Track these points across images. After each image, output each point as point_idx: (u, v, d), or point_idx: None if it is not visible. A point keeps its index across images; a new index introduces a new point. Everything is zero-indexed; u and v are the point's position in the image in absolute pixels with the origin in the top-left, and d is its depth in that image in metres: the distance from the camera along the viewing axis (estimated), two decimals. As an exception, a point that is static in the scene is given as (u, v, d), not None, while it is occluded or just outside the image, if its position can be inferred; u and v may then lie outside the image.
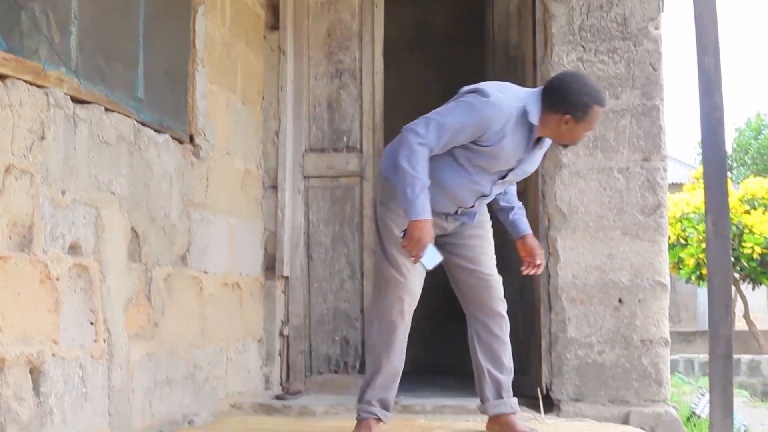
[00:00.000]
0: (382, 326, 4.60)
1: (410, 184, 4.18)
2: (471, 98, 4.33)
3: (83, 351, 4.00)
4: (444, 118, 4.29)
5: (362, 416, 4.63)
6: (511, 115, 4.31)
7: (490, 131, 4.29)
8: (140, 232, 4.56)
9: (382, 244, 4.60)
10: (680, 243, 15.07)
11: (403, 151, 4.23)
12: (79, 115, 4.00)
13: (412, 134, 4.25)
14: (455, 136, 4.30)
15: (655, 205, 5.82)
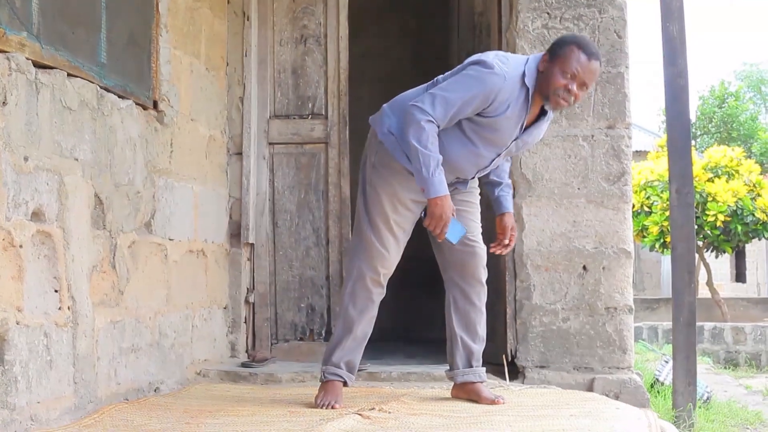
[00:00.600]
0: (356, 290, 4.62)
1: (425, 163, 4.21)
2: (474, 71, 4.32)
3: (47, 319, 3.97)
4: (449, 93, 4.29)
5: (328, 377, 4.63)
6: (515, 83, 4.33)
7: (496, 101, 4.30)
8: (104, 198, 4.53)
9: (368, 210, 4.58)
10: (644, 211, 15.11)
11: (411, 130, 4.24)
12: (42, 80, 3.96)
13: (419, 111, 4.25)
14: (462, 109, 4.30)
15: (620, 172, 5.84)
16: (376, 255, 4.56)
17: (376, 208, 4.53)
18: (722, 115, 32.54)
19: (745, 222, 14.58)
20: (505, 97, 4.31)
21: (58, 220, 4.08)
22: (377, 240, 4.54)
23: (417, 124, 4.22)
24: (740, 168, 15.07)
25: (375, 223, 4.54)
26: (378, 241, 4.54)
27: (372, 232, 4.55)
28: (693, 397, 5.85)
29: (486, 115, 4.35)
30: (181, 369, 5.49)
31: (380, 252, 4.55)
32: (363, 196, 4.61)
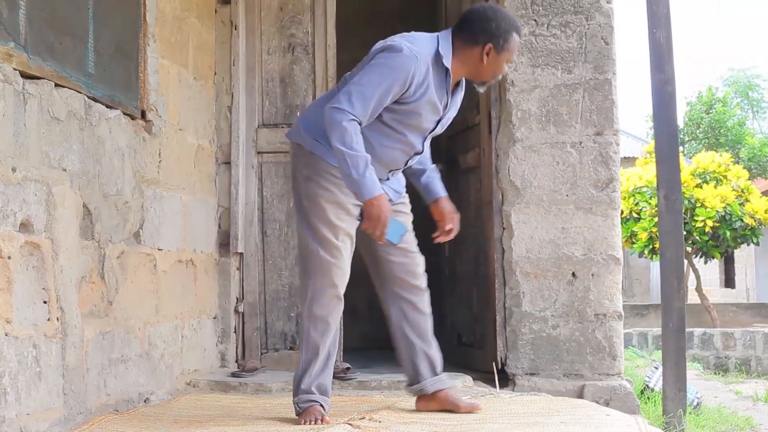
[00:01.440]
0: (315, 311, 4.41)
1: (353, 165, 4.07)
2: (383, 58, 4.22)
3: (36, 330, 3.96)
4: (364, 87, 4.16)
5: (303, 407, 4.41)
6: (428, 63, 4.25)
7: (413, 85, 4.21)
8: (92, 209, 4.52)
9: (311, 225, 4.36)
10: (633, 217, 15.14)
11: (334, 133, 4.10)
12: (29, 90, 3.95)
13: (337, 112, 4.11)
14: (381, 101, 4.19)
15: (608, 179, 5.85)
16: (329, 269, 4.36)
17: (320, 219, 4.34)
18: (710, 120, 32.59)
19: (734, 227, 14.61)
20: (421, 79, 4.22)
21: (46, 231, 4.07)
22: (327, 253, 4.35)
23: (338, 125, 4.08)
24: (728, 173, 15.11)
25: (322, 236, 4.34)
26: (329, 254, 4.35)
27: (320, 246, 4.34)
28: (683, 403, 5.86)
29: (405, 101, 4.25)
30: (171, 379, 5.48)
31: (332, 264, 4.36)
32: (302, 212, 4.41)
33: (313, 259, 4.37)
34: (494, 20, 4.33)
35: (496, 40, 4.31)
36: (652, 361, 10.56)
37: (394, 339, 4.71)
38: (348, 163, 4.07)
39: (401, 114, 4.29)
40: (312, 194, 4.34)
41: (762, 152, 31.03)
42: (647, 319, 17.55)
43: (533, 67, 5.91)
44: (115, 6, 4.94)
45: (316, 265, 4.37)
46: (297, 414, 4.42)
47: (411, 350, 4.67)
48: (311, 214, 4.36)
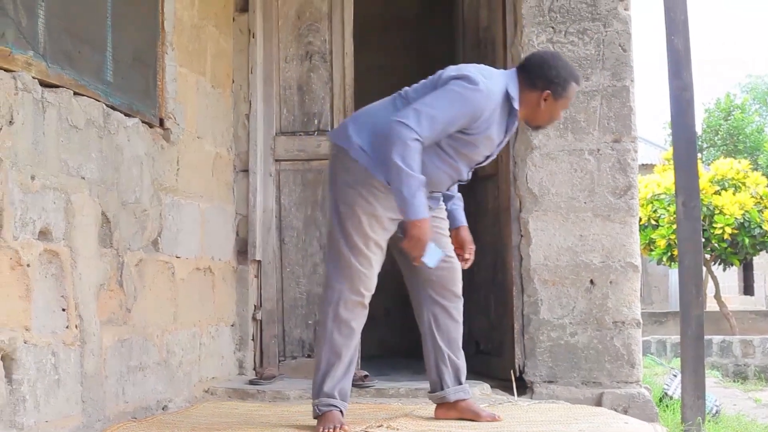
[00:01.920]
0: (340, 315, 4.40)
1: (407, 184, 4.07)
2: (459, 87, 4.21)
3: (55, 338, 3.97)
4: (435, 110, 4.15)
5: (323, 410, 4.40)
6: (498, 101, 4.29)
7: (480, 119, 4.24)
8: (111, 217, 4.53)
9: (345, 231, 4.36)
10: (651, 224, 15.11)
11: (396, 147, 4.07)
12: (48, 99, 3.97)
13: (404, 128, 4.08)
14: (447, 129, 4.21)
15: (626, 186, 5.83)
16: (357, 276, 4.36)
17: (355, 227, 4.33)
18: (728, 127, 32.46)
19: (753, 234, 14.57)
20: (488, 115, 4.26)
21: (65, 239, 4.08)
22: (357, 261, 4.35)
23: (402, 142, 4.07)
24: (747, 180, 15.07)
25: (354, 244, 4.34)
26: (358, 262, 4.35)
27: (351, 253, 4.34)
28: (702, 411, 5.83)
29: (468, 133, 4.28)
30: (188, 387, 5.49)
31: (361, 273, 4.36)
32: (337, 216, 4.39)
33: (343, 263, 4.37)
34: (555, 68, 4.38)
35: (555, 87, 4.37)
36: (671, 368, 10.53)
37: (423, 343, 4.72)
38: (402, 181, 4.08)
39: (459, 142, 4.32)
40: (350, 201, 4.34)
41: (781, 159, 30.91)
42: (666, 326, 17.49)
43: (551, 75, 5.90)
44: (134, 14, 4.95)
45: (346, 269, 4.37)
46: (315, 416, 4.42)
47: (438, 356, 4.68)
48: (347, 220, 4.35)
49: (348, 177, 4.35)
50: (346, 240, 4.36)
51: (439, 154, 4.33)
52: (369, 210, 4.32)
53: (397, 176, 4.08)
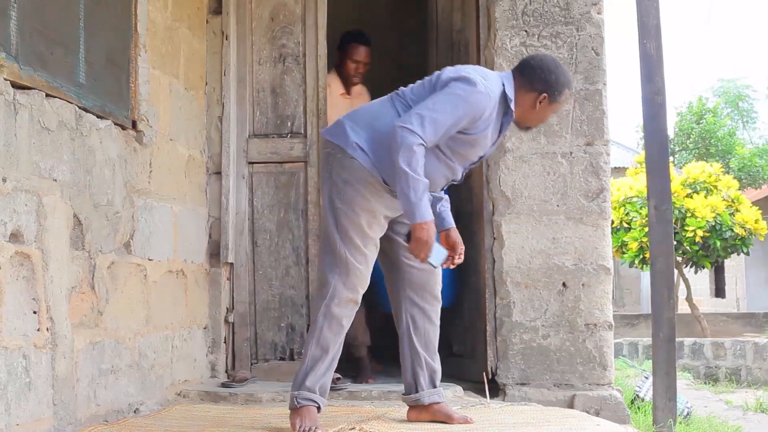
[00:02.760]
0: (333, 311, 4.44)
1: (414, 188, 4.15)
2: (460, 89, 4.28)
3: (26, 340, 3.96)
4: (438, 114, 4.22)
5: (302, 403, 4.42)
6: (497, 102, 4.37)
7: (480, 120, 4.31)
8: (83, 219, 4.51)
9: (342, 228, 4.41)
10: (623, 227, 15.17)
11: (402, 153, 4.14)
12: (20, 101, 3.95)
13: (410, 134, 4.16)
14: (449, 130, 4.28)
15: (599, 189, 5.86)
16: (353, 273, 4.42)
17: (353, 224, 4.40)
18: (700, 131, 32.59)
19: (724, 237, 14.64)
20: (487, 116, 4.34)
21: (36, 242, 4.06)
22: (353, 257, 4.41)
23: (408, 147, 4.14)
24: (719, 183, 15.15)
25: (351, 240, 4.40)
26: (354, 259, 4.41)
27: (348, 250, 4.40)
28: (673, 413, 5.86)
29: (467, 133, 4.34)
30: (161, 390, 5.47)
31: (357, 269, 4.42)
32: (333, 213, 4.44)
33: (339, 259, 4.42)
34: (554, 73, 4.47)
35: (552, 91, 4.45)
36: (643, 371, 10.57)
37: (400, 344, 4.75)
38: (409, 185, 4.15)
39: (457, 143, 4.39)
40: (348, 198, 4.40)
41: (752, 162, 31.08)
42: (638, 328, 17.57)
43: (524, 78, 5.91)
44: (106, 16, 4.93)
45: (341, 265, 4.41)
46: (292, 407, 4.44)
47: (414, 359, 4.72)
48: (344, 217, 4.41)
49: (345, 174, 4.40)
50: (343, 237, 4.41)
51: (437, 155, 4.40)
52: (367, 206, 4.39)
53: (405, 181, 4.15)
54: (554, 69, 4.47)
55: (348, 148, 4.39)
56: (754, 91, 39.25)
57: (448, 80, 4.36)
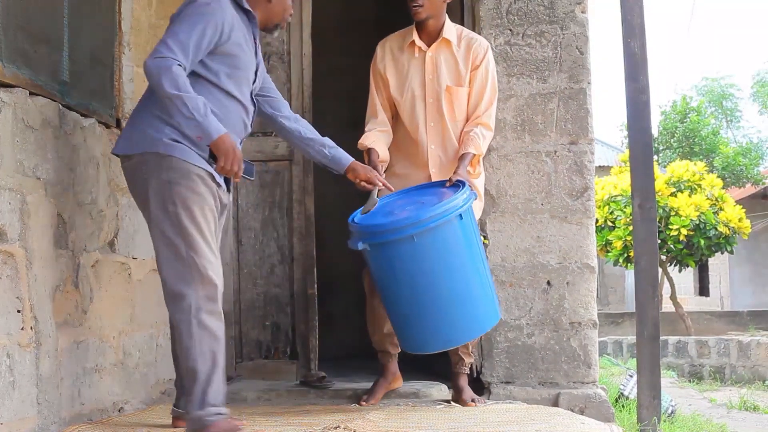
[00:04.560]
0: (204, 322, 4.18)
1: (195, 108, 4.01)
2: (192, 9, 4.19)
3: (10, 339, 3.94)
4: (180, 35, 4.10)
5: (212, 420, 4.15)
6: (229, 6, 4.31)
7: (224, 28, 4.23)
8: (67, 217, 4.50)
9: (181, 230, 4.16)
10: (608, 226, 15.22)
11: (163, 79, 3.99)
12: (3, 99, 3.94)
13: (160, 60, 4.03)
14: (199, 46, 4.15)
15: (583, 188, 5.87)
16: (206, 274, 4.18)
17: (193, 224, 4.16)
18: (684, 129, 32.73)
19: (708, 236, 14.71)
20: (230, 20, 4.27)
21: (20, 240, 4.05)
22: (203, 259, 4.17)
23: (166, 71, 3.99)
24: (703, 182, 15.22)
25: (193, 241, 4.16)
26: (204, 260, 4.18)
27: (195, 254, 4.16)
28: (658, 411, 5.87)
29: (220, 45, 4.24)
30: (145, 388, 5.46)
31: (208, 269, 4.18)
32: (168, 219, 4.17)
33: (188, 267, 4.16)
34: None
35: None
36: (627, 369, 10.60)
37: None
38: (189, 107, 4.01)
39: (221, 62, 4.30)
40: (181, 198, 4.18)
41: (736, 161, 31.23)
42: (622, 327, 17.63)
43: (508, 77, 5.93)
44: (91, 14, 4.92)
45: (194, 273, 4.16)
46: (203, 427, 4.14)
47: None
48: (181, 219, 4.17)
49: (167, 175, 4.19)
50: (185, 239, 4.17)
51: (218, 94, 4.31)
52: (199, 200, 4.21)
53: (182, 104, 4.01)
54: None
55: (158, 149, 4.20)
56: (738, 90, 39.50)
57: (182, 8, 4.26)
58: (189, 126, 4.06)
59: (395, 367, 5.53)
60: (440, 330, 4.79)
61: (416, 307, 4.74)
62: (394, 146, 5.41)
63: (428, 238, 4.59)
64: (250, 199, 6.43)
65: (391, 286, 4.80)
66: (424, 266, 4.63)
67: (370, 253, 4.70)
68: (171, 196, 4.17)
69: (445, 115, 5.31)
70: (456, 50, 5.35)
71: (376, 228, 4.70)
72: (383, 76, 5.44)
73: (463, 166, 5.11)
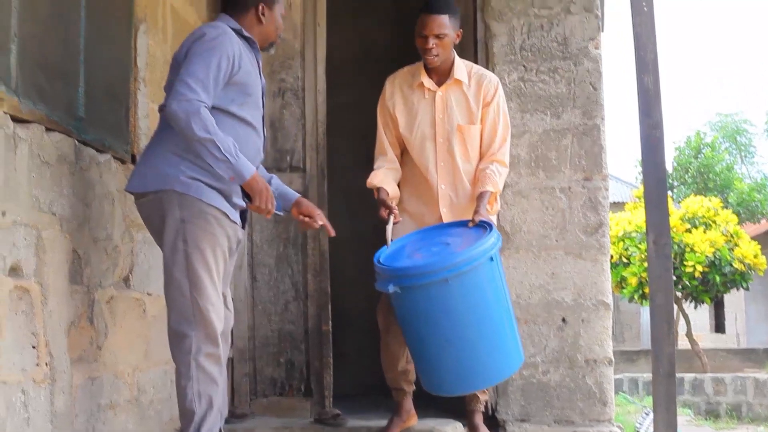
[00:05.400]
0: (203, 365, 4.20)
1: (227, 150, 4.04)
2: (199, 46, 4.21)
3: (25, 375, 3.94)
4: (196, 72, 4.12)
5: None
6: (233, 35, 4.33)
7: (234, 56, 4.25)
8: (82, 253, 4.51)
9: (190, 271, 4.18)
10: (623, 262, 15.20)
11: (192, 122, 4.00)
12: (20, 134, 3.95)
13: (185, 103, 4.03)
14: (218, 80, 4.17)
15: (597, 224, 5.86)
16: (208, 318, 4.19)
17: (200, 264, 4.18)
18: (698, 165, 32.75)
19: (723, 272, 14.67)
20: (237, 50, 4.28)
21: (36, 276, 4.05)
22: (207, 301, 4.19)
23: (195, 114, 4.01)
24: (717, 218, 15.20)
25: (199, 282, 4.17)
26: (208, 303, 4.19)
27: (198, 294, 4.17)
28: (674, 449, 5.83)
29: (233, 74, 4.25)
30: (160, 425, 5.44)
31: (210, 312, 4.20)
32: (176, 257, 4.20)
33: (191, 308, 4.19)
34: None
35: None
36: (643, 407, 10.55)
37: None
38: (221, 149, 4.04)
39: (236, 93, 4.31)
40: (193, 237, 4.19)
41: (750, 197, 31.19)
42: (638, 364, 17.54)
43: (522, 113, 5.94)
44: (106, 50, 4.95)
45: (196, 314, 4.18)
46: None
47: None
48: (192, 258, 4.19)
49: (181, 213, 4.21)
50: (194, 282, 4.19)
51: (234, 123, 4.31)
52: (212, 241, 4.22)
53: (213, 147, 4.04)
54: None
55: (174, 187, 4.21)
56: (752, 125, 39.53)
57: (189, 47, 4.27)
58: (221, 168, 4.09)
59: (410, 405, 5.51)
60: (470, 372, 4.78)
61: (446, 350, 4.72)
62: (405, 183, 5.41)
63: (461, 281, 4.58)
64: (264, 235, 6.42)
65: (420, 329, 4.77)
66: (456, 309, 4.62)
67: (400, 296, 4.69)
68: (183, 234, 4.19)
69: (456, 154, 5.29)
70: (466, 88, 5.34)
71: (408, 270, 4.68)
72: (392, 115, 5.43)
73: (482, 204, 5.09)
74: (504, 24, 6.06)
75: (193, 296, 4.18)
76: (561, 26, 6.03)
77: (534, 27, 6.04)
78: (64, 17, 4.45)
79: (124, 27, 5.20)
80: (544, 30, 6.03)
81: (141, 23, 5.34)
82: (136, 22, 5.30)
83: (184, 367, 4.21)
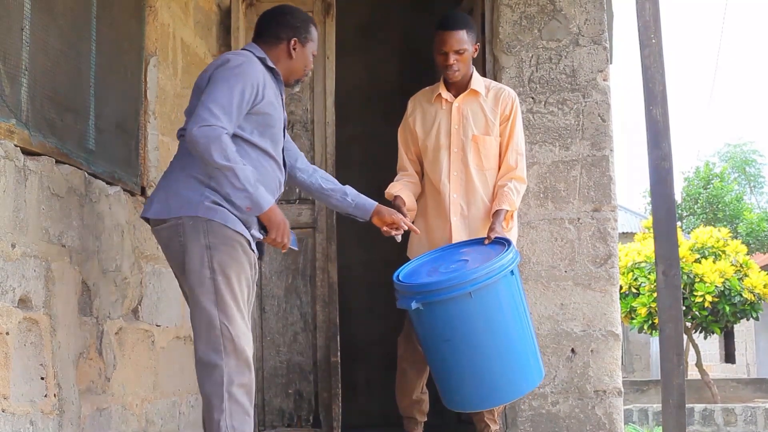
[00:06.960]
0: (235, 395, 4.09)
1: (246, 179, 3.95)
2: (226, 72, 4.12)
3: (33, 406, 3.94)
4: (219, 99, 4.03)
5: None
6: (259, 64, 4.27)
7: (258, 85, 4.19)
8: (91, 285, 4.52)
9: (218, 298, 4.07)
10: (632, 292, 15.16)
11: (212, 149, 3.91)
12: (30, 167, 3.97)
13: (207, 129, 3.93)
14: (240, 109, 4.09)
15: (606, 255, 5.86)
16: (239, 345, 4.09)
17: (228, 291, 4.08)
18: (707, 195, 32.66)
19: (733, 302, 14.62)
20: (261, 80, 4.21)
21: (45, 307, 4.06)
22: (236, 329, 4.08)
23: (215, 141, 3.91)
24: (727, 248, 15.17)
25: (228, 310, 4.07)
26: (238, 330, 4.09)
27: (228, 322, 4.06)
28: (684, 480, 5.81)
29: (256, 103, 4.18)
30: (168, 456, 5.44)
31: (241, 339, 4.09)
32: (203, 286, 4.09)
33: (221, 337, 4.08)
34: (290, 15, 4.45)
35: (299, 32, 4.41)
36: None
37: None
38: (240, 178, 3.95)
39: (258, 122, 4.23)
40: (220, 264, 4.10)
41: (760, 227, 31.07)
42: (647, 395, 17.46)
43: (531, 144, 5.95)
44: (116, 83, 4.98)
45: (226, 343, 4.07)
46: None
47: None
48: (220, 286, 4.09)
49: (207, 239, 4.10)
50: (223, 309, 4.08)
51: (255, 153, 4.24)
52: (237, 268, 4.13)
53: (232, 175, 3.95)
54: (289, 12, 4.45)
55: (197, 213, 4.11)
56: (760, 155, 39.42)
57: (213, 72, 4.19)
58: (238, 197, 4.01)
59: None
60: (495, 386, 4.78)
61: (470, 366, 4.72)
62: (422, 200, 5.40)
63: (484, 295, 4.59)
64: (273, 267, 6.43)
65: (442, 346, 4.76)
66: (479, 323, 4.63)
67: (422, 313, 4.68)
68: (210, 261, 4.08)
69: (470, 165, 5.28)
70: (483, 100, 5.34)
71: (431, 286, 4.67)
72: (412, 131, 5.43)
73: (498, 222, 5.09)
74: (512, 56, 6.08)
75: (223, 324, 4.06)
76: (569, 58, 6.05)
77: (542, 59, 6.06)
78: (74, 50, 4.48)
79: (135, 60, 5.23)
80: (553, 62, 6.05)
81: (151, 57, 5.37)
82: (146, 56, 5.34)
83: (217, 399, 4.06)
